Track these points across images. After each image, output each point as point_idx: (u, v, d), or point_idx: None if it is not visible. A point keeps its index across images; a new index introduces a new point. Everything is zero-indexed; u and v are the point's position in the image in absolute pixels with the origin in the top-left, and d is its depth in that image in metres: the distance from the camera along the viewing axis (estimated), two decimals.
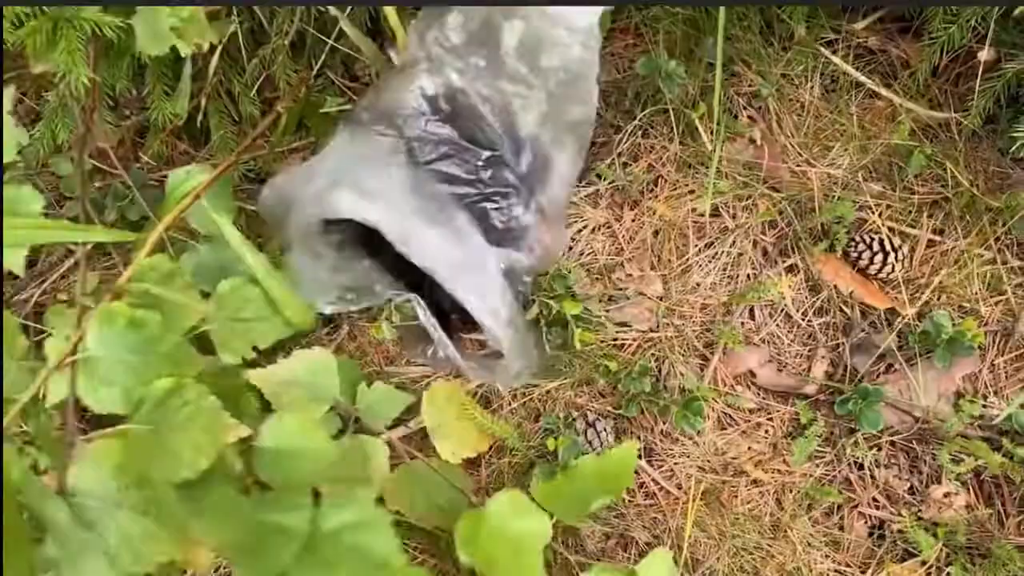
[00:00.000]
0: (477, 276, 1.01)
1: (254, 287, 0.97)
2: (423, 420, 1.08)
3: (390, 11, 1.06)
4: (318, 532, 0.82)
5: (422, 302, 1.06)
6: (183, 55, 0.87)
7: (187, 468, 0.76)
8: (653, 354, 1.17)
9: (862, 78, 1.28)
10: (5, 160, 0.90)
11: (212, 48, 1.06)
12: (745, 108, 1.29)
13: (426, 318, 1.06)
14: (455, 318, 1.13)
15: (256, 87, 1.22)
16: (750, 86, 1.28)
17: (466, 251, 1.02)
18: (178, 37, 0.88)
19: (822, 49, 1.27)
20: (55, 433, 0.89)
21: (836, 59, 1.27)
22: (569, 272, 1.17)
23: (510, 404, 1.15)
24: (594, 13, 1.04)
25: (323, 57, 1.23)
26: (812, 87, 1.29)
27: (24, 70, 0.92)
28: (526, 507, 0.95)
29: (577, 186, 1.24)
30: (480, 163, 1.06)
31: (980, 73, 1.16)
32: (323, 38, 1.19)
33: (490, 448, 1.14)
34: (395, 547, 0.81)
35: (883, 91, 1.28)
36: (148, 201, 1.16)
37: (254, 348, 0.99)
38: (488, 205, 1.06)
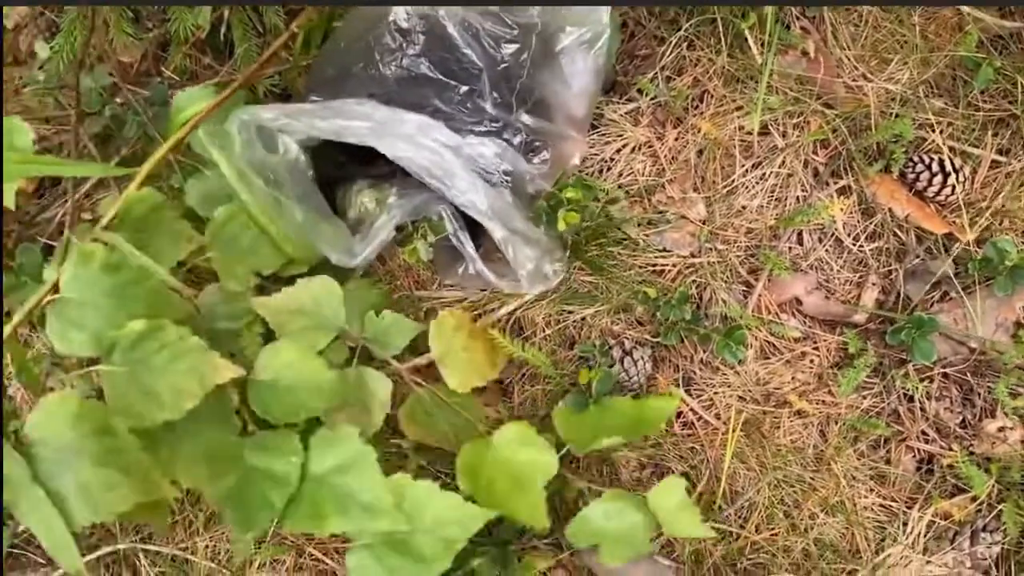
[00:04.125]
0: (455, 173, 0.97)
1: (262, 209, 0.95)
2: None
3: None
4: (307, 476, 0.81)
5: (450, 213, 1.02)
6: None
7: (169, 410, 0.74)
8: (694, 280, 1.12)
9: (919, 5, 1.18)
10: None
11: None
12: (798, 18, 1.21)
13: (454, 229, 1.02)
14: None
15: None
16: None
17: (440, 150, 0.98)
18: None
19: None
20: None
21: None
22: (607, 192, 1.12)
23: (544, 331, 1.11)
24: None
25: None
26: None
27: None
28: (532, 440, 0.93)
29: (615, 101, 1.18)
30: (458, 97, 1.01)
31: None
32: None
33: (523, 375, 1.11)
34: (381, 489, 0.80)
35: None
36: (167, 119, 1.12)
37: (258, 274, 0.96)
38: (470, 138, 1.02)
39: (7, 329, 0.73)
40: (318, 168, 1.03)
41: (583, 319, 1.12)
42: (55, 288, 0.75)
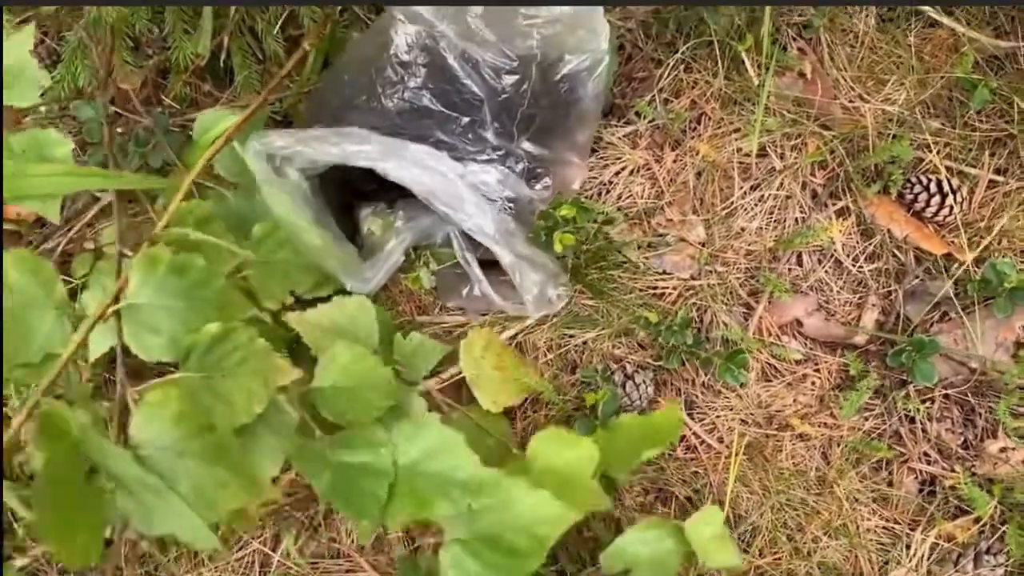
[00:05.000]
0: (463, 197, 0.98)
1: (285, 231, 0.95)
2: (460, 370, 1.05)
3: None
4: (398, 468, 0.81)
5: (458, 234, 1.02)
6: None
7: (242, 414, 0.74)
8: (695, 303, 1.12)
9: (922, 5, 1.19)
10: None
11: None
12: (795, 39, 1.21)
13: (461, 251, 1.02)
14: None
15: (280, 24, 1.17)
16: (800, 16, 1.20)
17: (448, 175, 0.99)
18: None
19: None
20: (88, 386, 0.87)
21: None
22: (605, 213, 1.12)
23: (545, 355, 1.11)
24: None
25: None
26: (867, 16, 1.21)
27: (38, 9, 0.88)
28: (569, 440, 0.92)
29: (614, 124, 1.18)
30: (460, 128, 1.02)
31: None
32: None
33: (525, 401, 1.11)
34: (477, 463, 0.80)
35: (944, 19, 1.19)
36: (172, 146, 1.12)
37: (292, 293, 0.97)
38: (472, 166, 1.03)
39: (73, 343, 0.73)
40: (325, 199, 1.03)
41: (584, 343, 1.12)
42: (115, 299, 0.75)
